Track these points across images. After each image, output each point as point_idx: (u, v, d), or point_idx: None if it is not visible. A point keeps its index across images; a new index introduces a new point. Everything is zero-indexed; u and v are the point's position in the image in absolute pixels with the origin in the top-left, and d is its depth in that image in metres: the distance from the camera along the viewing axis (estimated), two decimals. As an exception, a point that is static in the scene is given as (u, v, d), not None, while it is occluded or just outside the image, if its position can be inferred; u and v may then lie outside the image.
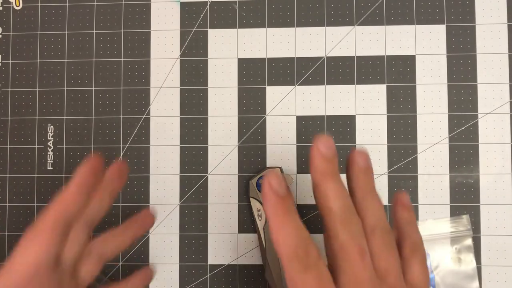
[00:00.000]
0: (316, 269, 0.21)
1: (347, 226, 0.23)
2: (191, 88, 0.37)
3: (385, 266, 0.23)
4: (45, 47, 0.38)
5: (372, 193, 0.25)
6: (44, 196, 0.37)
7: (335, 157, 0.24)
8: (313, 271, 0.21)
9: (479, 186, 0.35)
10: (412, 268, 0.25)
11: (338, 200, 0.23)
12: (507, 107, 0.36)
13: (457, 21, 0.36)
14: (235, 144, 0.36)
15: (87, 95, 0.37)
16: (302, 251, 0.21)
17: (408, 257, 0.26)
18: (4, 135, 0.37)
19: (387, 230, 0.24)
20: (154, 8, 0.38)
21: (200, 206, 0.36)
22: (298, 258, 0.21)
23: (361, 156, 0.25)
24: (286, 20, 0.37)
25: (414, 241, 0.26)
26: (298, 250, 0.21)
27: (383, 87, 0.36)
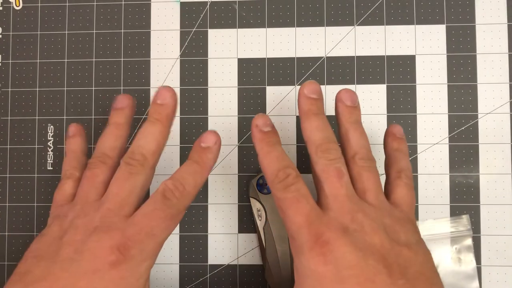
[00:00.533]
0: (294, 187, 0.25)
1: (325, 152, 0.26)
2: (191, 88, 0.37)
3: (364, 186, 0.26)
4: (45, 47, 0.38)
5: (355, 125, 0.27)
6: (44, 196, 0.37)
7: (318, 99, 0.27)
8: (291, 188, 0.25)
9: (479, 186, 0.35)
10: (396, 190, 0.27)
11: (318, 132, 0.26)
12: (507, 107, 0.36)
13: (457, 21, 0.36)
14: (235, 144, 0.36)
15: (87, 95, 0.37)
16: (282, 174, 0.25)
17: (393, 181, 0.28)
18: (4, 135, 0.37)
19: (368, 157, 0.27)
20: (154, 8, 0.38)
21: (200, 206, 0.36)
22: (279, 179, 0.25)
23: (346, 93, 0.28)
24: (286, 20, 0.37)
25: (400, 167, 0.28)
26: (279, 173, 0.25)
27: (383, 87, 0.36)
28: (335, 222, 0.24)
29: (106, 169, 0.28)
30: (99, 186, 0.27)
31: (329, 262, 0.22)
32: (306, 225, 0.23)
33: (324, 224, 0.23)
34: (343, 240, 0.23)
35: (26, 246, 0.36)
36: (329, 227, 0.23)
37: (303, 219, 0.24)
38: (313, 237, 0.23)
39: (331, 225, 0.23)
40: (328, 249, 0.22)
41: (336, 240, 0.23)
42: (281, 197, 0.25)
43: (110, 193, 0.26)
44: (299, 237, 0.23)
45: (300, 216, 0.24)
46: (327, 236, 0.23)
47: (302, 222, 0.24)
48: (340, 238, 0.23)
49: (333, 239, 0.23)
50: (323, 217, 0.24)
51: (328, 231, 0.23)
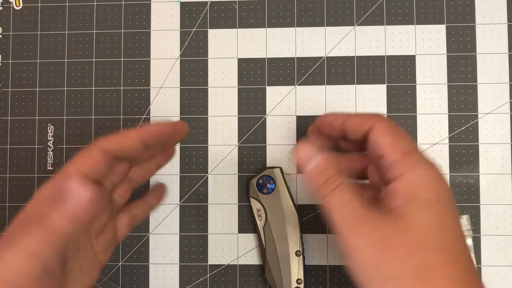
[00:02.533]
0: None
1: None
2: (191, 88, 0.37)
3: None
4: (45, 47, 0.38)
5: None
6: (44, 196, 0.37)
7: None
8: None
9: (479, 186, 0.35)
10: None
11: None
12: (507, 107, 0.36)
13: (457, 21, 0.36)
14: (235, 144, 0.36)
15: (87, 95, 0.37)
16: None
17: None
18: (4, 135, 0.37)
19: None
20: (154, 8, 0.38)
21: (200, 206, 0.36)
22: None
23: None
24: (286, 20, 0.37)
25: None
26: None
27: (383, 87, 0.36)
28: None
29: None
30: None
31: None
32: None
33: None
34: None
35: (26, 246, 0.36)
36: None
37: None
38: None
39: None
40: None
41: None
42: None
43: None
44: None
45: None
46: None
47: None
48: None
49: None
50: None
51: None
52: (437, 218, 0.23)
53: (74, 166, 0.25)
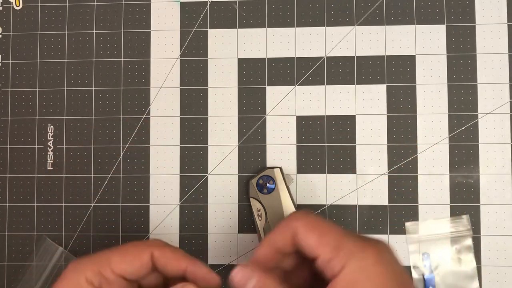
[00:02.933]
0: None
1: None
2: (191, 88, 0.37)
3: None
4: (45, 47, 0.38)
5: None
6: (44, 196, 0.37)
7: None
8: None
9: (479, 186, 0.35)
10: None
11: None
12: (507, 107, 0.36)
13: (457, 21, 0.36)
14: (235, 144, 0.36)
15: (87, 95, 0.37)
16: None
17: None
18: (4, 135, 0.37)
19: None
20: (154, 8, 0.38)
21: (200, 206, 0.36)
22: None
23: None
24: (286, 20, 0.37)
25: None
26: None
27: (383, 87, 0.36)
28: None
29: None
30: None
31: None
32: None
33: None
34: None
35: (26, 246, 0.36)
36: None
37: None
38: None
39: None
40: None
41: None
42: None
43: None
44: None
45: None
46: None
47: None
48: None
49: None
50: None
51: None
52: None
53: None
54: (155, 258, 0.25)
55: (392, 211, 0.35)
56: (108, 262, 0.25)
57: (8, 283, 0.36)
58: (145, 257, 0.25)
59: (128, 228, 0.36)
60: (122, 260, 0.25)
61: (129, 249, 0.26)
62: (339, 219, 0.35)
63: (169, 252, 0.26)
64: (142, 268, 0.25)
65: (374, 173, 0.36)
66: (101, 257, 0.25)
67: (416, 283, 0.35)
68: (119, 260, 0.25)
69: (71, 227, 0.36)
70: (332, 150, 0.36)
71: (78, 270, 0.25)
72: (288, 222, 0.25)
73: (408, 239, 0.35)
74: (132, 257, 0.25)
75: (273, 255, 0.25)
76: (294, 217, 0.25)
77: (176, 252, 0.26)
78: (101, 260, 0.25)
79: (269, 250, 0.25)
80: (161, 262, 0.25)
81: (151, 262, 0.25)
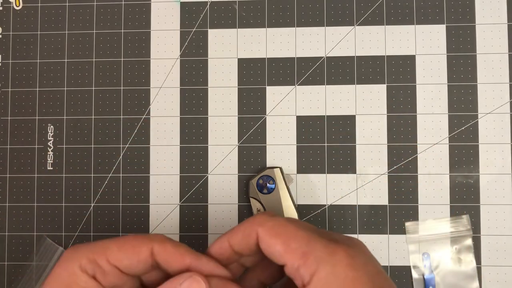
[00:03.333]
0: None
1: None
2: (191, 88, 0.37)
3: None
4: (45, 47, 0.38)
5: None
6: (44, 196, 0.37)
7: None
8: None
9: (479, 186, 0.35)
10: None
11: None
12: (507, 107, 0.36)
13: (457, 21, 0.36)
14: (235, 144, 0.36)
15: (87, 95, 0.37)
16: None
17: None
18: (4, 135, 0.37)
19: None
20: (154, 8, 0.38)
21: (200, 206, 0.36)
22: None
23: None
24: (286, 20, 0.37)
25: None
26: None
27: (383, 87, 0.36)
28: None
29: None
30: None
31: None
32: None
33: None
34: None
35: (26, 246, 0.36)
36: None
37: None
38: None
39: None
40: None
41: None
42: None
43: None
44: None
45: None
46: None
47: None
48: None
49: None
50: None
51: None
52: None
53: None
54: (156, 253, 0.24)
55: (392, 211, 0.35)
56: (104, 251, 0.23)
57: (8, 283, 0.36)
58: (144, 250, 0.23)
59: (128, 228, 0.36)
60: (119, 250, 0.23)
61: (128, 240, 0.24)
62: (339, 219, 0.35)
63: (170, 246, 0.24)
64: (139, 263, 0.23)
65: (374, 173, 0.36)
66: (98, 245, 0.24)
67: (416, 283, 0.35)
68: (116, 250, 0.23)
69: (71, 227, 0.36)
70: (332, 150, 0.36)
71: (73, 258, 0.23)
72: (249, 226, 0.23)
73: (408, 239, 0.35)
74: (130, 248, 0.23)
75: (229, 255, 0.24)
76: (257, 221, 0.23)
77: (179, 247, 0.24)
78: (98, 248, 0.24)
79: (225, 250, 0.24)
80: (162, 258, 0.24)
81: (151, 257, 0.24)
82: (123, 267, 0.23)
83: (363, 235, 0.35)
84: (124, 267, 0.23)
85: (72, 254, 0.24)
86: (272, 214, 0.24)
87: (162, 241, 0.24)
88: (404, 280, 0.35)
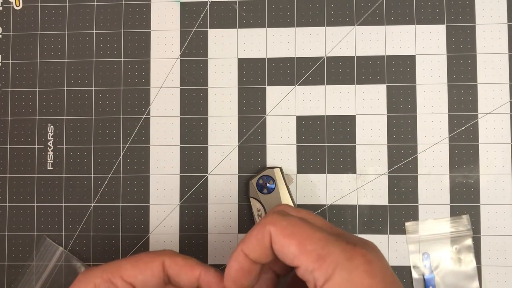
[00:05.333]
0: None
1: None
2: (191, 88, 0.37)
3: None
4: (45, 47, 0.38)
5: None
6: (44, 196, 0.37)
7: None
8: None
9: (479, 186, 0.35)
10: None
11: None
12: (507, 107, 0.36)
13: (457, 21, 0.36)
14: (235, 144, 0.36)
15: (87, 95, 0.37)
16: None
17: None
18: (4, 135, 0.37)
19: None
20: (154, 8, 0.38)
21: (200, 206, 0.36)
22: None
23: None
24: (286, 20, 0.37)
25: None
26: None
27: (383, 87, 0.36)
28: None
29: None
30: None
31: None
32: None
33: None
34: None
35: (26, 246, 0.36)
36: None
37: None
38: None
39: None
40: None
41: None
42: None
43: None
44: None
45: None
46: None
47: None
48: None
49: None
50: None
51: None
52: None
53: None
54: (167, 267, 0.24)
55: (392, 211, 0.35)
56: (118, 269, 0.24)
57: (8, 283, 0.36)
58: (156, 265, 0.24)
59: (128, 228, 0.36)
60: (132, 267, 0.24)
61: (140, 257, 0.25)
62: (339, 219, 0.35)
63: (180, 259, 0.25)
64: (153, 277, 0.24)
65: (374, 173, 0.36)
66: (111, 265, 0.25)
67: (416, 283, 0.35)
68: (129, 268, 0.24)
69: (71, 227, 0.36)
70: (332, 150, 0.36)
71: (87, 279, 0.24)
72: (262, 227, 0.22)
73: (408, 239, 0.35)
74: (142, 264, 0.24)
75: (249, 267, 0.23)
76: (268, 221, 0.22)
77: (188, 260, 0.25)
78: (111, 268, 0.24)
79: (243, 263, 0.23)
80: (173, 271, 0.24)
81: (162, 272, 0.24)
82: (138, 283, 0.24)
83: (363, 235, 0.35)
84: (139, 283, 0.24)
85: (86, 276, 0.25)
86: (283, 213, 0.23)
87: (173, 255, 0.25)
88: (404, 280, 0.35)
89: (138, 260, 0.25)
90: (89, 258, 0.36)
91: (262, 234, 0.22)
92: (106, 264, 0.25)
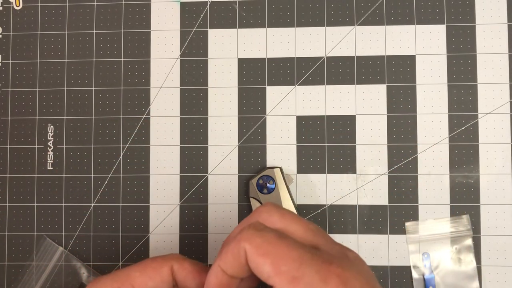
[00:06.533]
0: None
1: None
2: (191, 88, 0.37)
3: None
4: (45, 47, 0.38)
5: None
6: (44, 196, 0.37)
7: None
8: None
9: (479, 186, 0.35)
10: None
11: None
12: (507, 107, 0.36)
13: (457, 21, 0.36)
14: (235, 144, 0.36)
15: (87, 95, 0.37)
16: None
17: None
18: (4, 135, 0.37)
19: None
20: (154, 8, 0.38)
21: (200, 206, 0.36)
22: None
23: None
24: (286, 20, 0.37)
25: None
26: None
27: (383, 87, 0.36)
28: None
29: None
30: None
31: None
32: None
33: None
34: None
35: (26, 246, 0.36)
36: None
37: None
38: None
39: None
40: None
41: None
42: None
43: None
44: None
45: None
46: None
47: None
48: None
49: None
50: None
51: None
52: None
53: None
54: (175, 272, 0.24)
55: (392, 211, 0.35)
56: (128, 277, 0.24)
57: (8, 283, 0.36)
58: (165, 270, 0.24)
59: (128, 228, 0.36)
60: (141, 274, 0.24)
61: (148, 263, 0.25)
62: (339, 219, 0.35)
63: (188, 264, 0.25)
64: (163, 283, 0.24)
65: (374, 173, 0.36)
66: (119, 273, 0.24)
67: (416, 283, 0.35)
68: (139, 275, 0.24)
69: (71, 227, 0.36)
70: (332, 150, 0.36)
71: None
72: (237, 243, 0.21)
73: (408, 239, 0.35)
74: (152, 270, 0.24)
75: (229, 283, 0.22)
76: (244, 237, 0.21)
77: (196, 265, 0.25)
78: (121, 277, 0.24)
79: (220, 279, 0.22)
80: (181, 276, 0.24)
81: (171, 276, 0.24)
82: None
83: (363, 235, 0.35)
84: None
85: (96, 285, 0.24)
86: (259, 227, 0.22)
87: (180, 260, 0.25)
88: (404, 280, 0.35)
89: (146, 267, 0.24)
90: (89, 258, 0.36)
91: (238, 250, 0.21)
92: (114, 273, 0.25)
